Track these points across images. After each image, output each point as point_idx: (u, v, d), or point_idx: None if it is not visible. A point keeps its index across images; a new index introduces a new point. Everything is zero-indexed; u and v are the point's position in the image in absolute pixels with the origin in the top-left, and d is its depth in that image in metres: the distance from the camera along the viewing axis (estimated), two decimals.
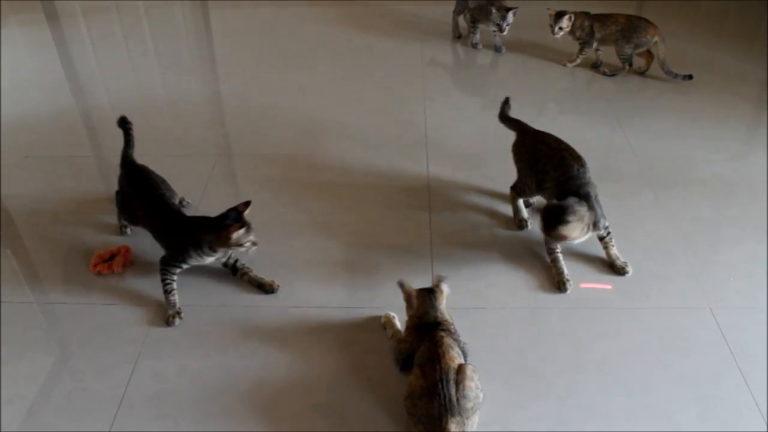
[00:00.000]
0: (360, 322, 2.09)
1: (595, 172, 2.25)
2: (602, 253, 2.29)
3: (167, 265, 2.16)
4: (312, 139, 3.01)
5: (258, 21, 4.28)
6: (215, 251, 2.12)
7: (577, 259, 2.30)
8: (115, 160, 2.41)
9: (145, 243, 2.37)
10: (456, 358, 1.75)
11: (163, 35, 4.22)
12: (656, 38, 3.30)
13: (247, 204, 2.09)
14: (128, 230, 2.45)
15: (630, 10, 3.52)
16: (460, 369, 1.71)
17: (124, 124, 2.45)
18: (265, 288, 2.21)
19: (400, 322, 2.02)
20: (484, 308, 2.14)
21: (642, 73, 3.48)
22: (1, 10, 4.48)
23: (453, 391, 1.66)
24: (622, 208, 2.52)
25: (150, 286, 2.24)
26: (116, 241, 2.41)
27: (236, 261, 2.25)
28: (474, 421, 1.71)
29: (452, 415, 1.65)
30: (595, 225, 2.16)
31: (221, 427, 1.80)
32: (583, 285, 2.21)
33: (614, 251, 2.26)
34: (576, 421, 1.79)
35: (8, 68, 3.74)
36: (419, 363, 1.76)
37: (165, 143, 3.01)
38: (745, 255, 2.32)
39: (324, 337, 2.05)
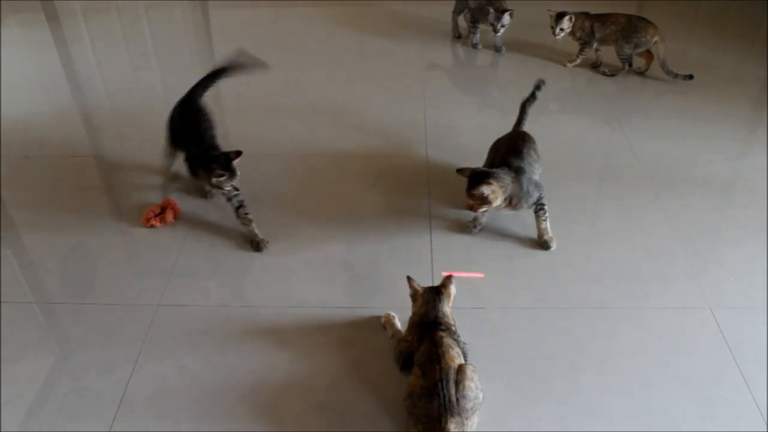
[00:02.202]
0: (360, 322, 2.09)
1: (595, 172, 2.26)
2: (601, 252, 2.30)
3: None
4: (312, 139, 3.01)
5: (258, 21, 4.28)
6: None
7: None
8: (116, 160, 2.42)
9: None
10: (456, 358, 1.75)
11: (163, 35, 4.22)
12: (656, 38, 3.31)
13: (238, 153, 2.30)
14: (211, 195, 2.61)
15: (630, 10, 3.52)
16: (460, 369, 1.71)
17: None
18: (254, 245, 2.36)
19: (400, 322, 2.02)
20: (484, 308, 2.14)
21: (642, 73, 3.48)
22: (1, 10, 4.48)
23: (453, 391, 1.66)
24: (622, 208, 2.52)
25: (150, 286, 2.24)
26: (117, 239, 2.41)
27: (239, 207, 2.40)
28: (474, 422, 1.71)
29: (452, 415, 1.65)
30: (519, 199, 2.25)
31: (221, 427, 1.80)
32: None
33: (544, 225, 2.33)
34: (576, 421, 1.80)
35: (8, 68, 3.74)
36: (419, 363, 1.76)
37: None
38: (745, 255, 2.32)
39: (324, 337, 2.05)
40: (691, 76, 3.35)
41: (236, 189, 2.35)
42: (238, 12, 4.43)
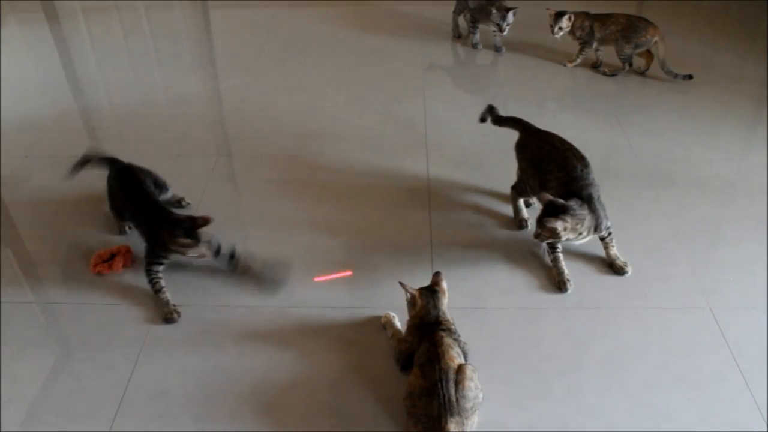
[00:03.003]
0: (360, 322, 2.09)
1: (595, 171, 2.25)
2: (602, 253, 2.29)
3: (150, 264, 2.19)
4: (312, 139, 3.01)
5: (258, 21, 4.28)
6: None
7: (576, 259, 2.30)
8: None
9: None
10: (456, 358, 1.75)
11: (163, 35, 4.22)
12: (656, 38, 3.31)
13: (206, 221, 2.07)
14: (128, 228, 2.44)
15: (630, 10, 3.52)
16: (460, 369, 1.71)
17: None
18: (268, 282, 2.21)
19: (400, 322, 2.02)
20: (484, 308, 2.14)
21: (642, 73, 3.48)
22: (1, 10, 4.48)
23: (452, 391, 1.66)
24: (622, 207, 2.52)
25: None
26: (116, 240, 2.41)
27: (233, 257, 2.23)
28: (473, 421, 1.71)
29: (451, 415, 1.65)
30: (596, 228, 2.16)
31: (221, 427, 1.80)
32: None
33: (614, 251, 2.26)
34: (576, 421, 1.79)
35: (8, 68, 3.74)
36: (419, 363, 1.76)
37: (165, 143, 3.01)
38: (745, 255, 2.32)
39: (324, 337, 2.05)
40: (690, 76, 3.35)
41: (202, 256, 2.12)
42: (238, 12, 4.43)
